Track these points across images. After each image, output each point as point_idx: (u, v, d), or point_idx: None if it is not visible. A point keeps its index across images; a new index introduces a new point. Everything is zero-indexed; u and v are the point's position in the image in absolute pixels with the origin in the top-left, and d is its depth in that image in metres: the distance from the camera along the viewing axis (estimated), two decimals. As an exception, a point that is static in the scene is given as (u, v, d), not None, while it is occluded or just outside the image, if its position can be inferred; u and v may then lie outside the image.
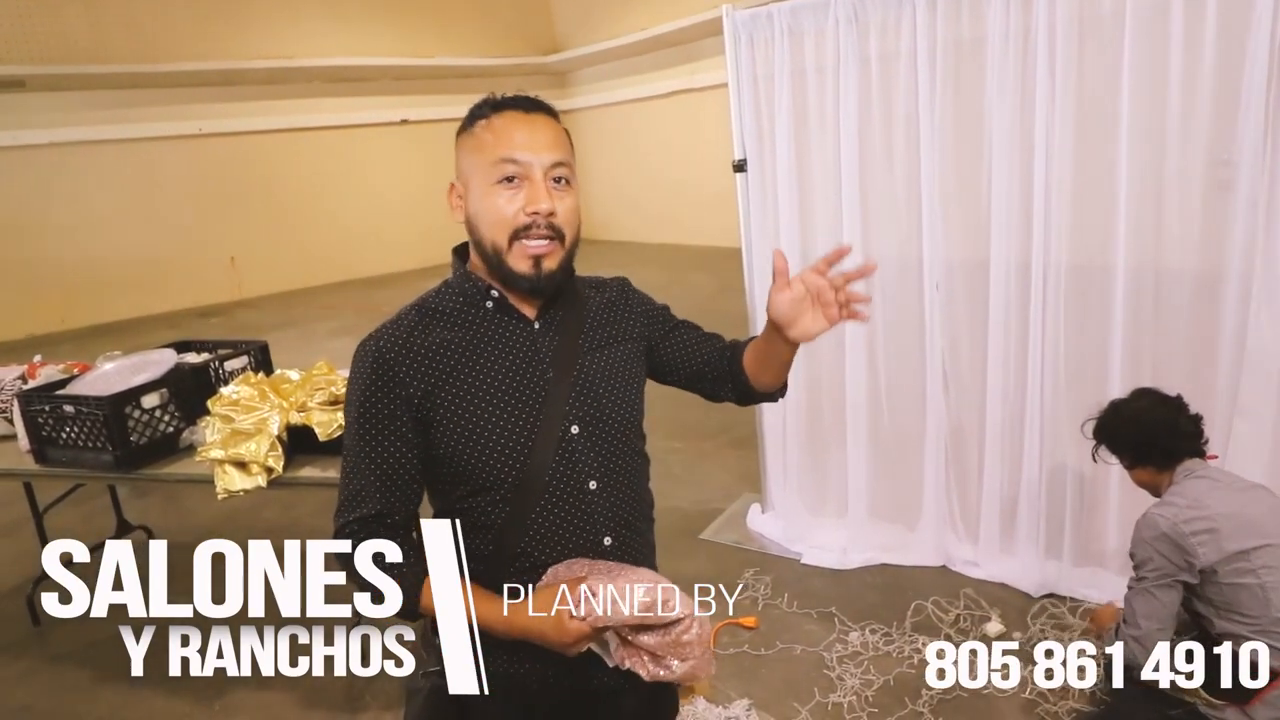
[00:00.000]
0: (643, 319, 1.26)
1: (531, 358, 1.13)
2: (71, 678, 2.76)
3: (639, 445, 1.21)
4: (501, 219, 1.07)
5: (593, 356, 1.17)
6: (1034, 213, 2.52)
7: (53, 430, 2.58)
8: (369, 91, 11.76)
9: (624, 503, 1.16)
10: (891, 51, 2.67)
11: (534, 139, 1.08)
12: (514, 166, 1.07)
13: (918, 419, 2.94)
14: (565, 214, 1.09)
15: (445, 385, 1.09)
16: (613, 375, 1.17)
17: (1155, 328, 2.42)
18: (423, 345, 1.11)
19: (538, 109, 1.13)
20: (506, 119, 1.09)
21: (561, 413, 1.11)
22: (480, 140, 1.09)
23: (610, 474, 1.14)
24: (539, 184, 1.07)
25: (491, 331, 1.13)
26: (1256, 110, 2.11)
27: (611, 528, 1.14)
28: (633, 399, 1.19)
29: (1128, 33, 2.25)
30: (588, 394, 1.14)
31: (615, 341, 1.21)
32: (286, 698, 2.57)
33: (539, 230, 1.07)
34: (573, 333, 1.16)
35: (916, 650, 2.48)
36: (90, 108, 9.54)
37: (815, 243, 3.01)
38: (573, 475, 1.11)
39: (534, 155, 1.07)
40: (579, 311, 1.19)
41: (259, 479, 2.36)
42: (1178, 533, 1.74)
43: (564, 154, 1.10)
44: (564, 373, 1.13)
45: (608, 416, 1.15)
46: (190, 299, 10.42)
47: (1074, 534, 2.69)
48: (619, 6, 11.73)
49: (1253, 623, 1.72)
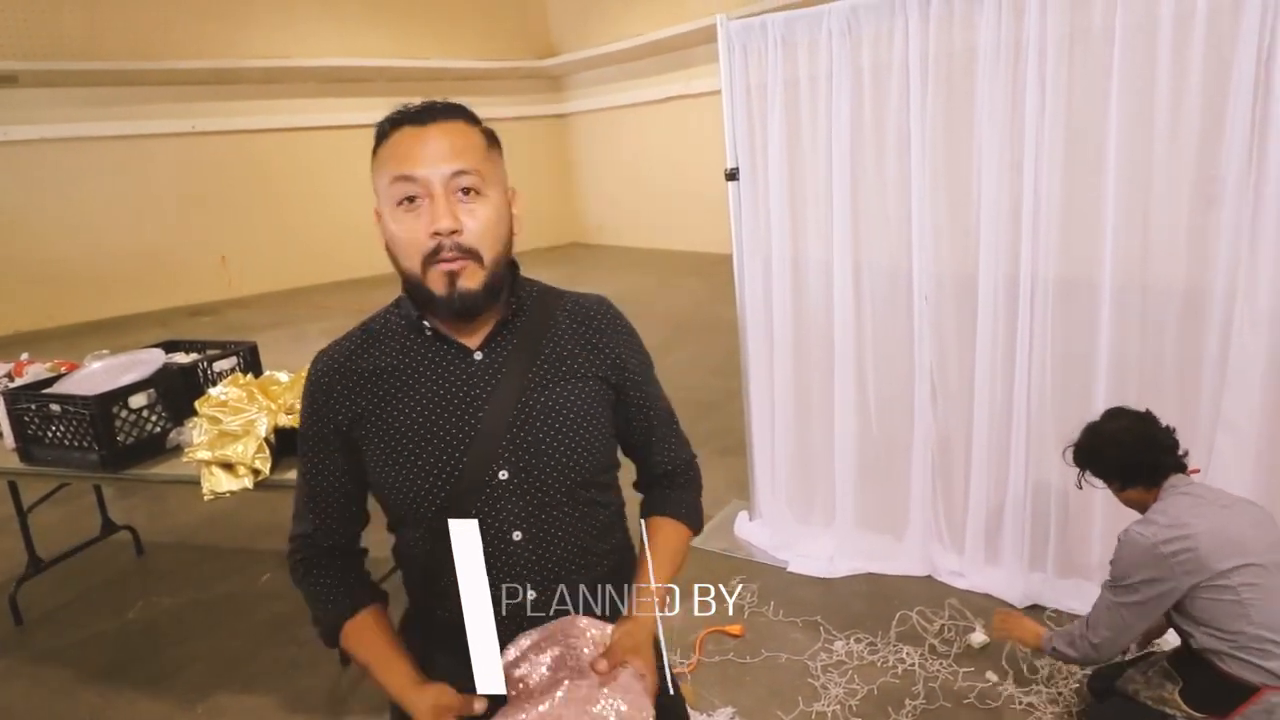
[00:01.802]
0: (611, 360, 1.11)
1: (466, 393, 1.03)
2: (54, 678, 2.75)
3: (588, 494, 1.07)
4: (409, 244, 0.97)
5: (540, 393, 1.04)
6: (1022, 226, 2.53)
7: (38, 429, 2.57)
8: (364, 92, 11.75)
9: (555, 556, 1.05)
10: (884, 63, 2.69)
11: (427, 151, 0.96)
12: (409, 185, 0.96)
13: (905, 429, 2.96)
14: (477, 228, 0.97)
15: (373, 413, 1.03)
16: (561, 416, 1.04)
17: (1141, 341, 2.44)
18: (358, 369, 1.06)
19: (436, 117, 0.99)
20: (401, 134, 0.98)
21: (491, 454, 1.01)
22: (380, 160, 1.00)
23: (541, 525, 1.04)
24: (439, 200, 0.95)
25: (427, 361, 1.04)
26: (1242, 128, 2.13)
27: (535, 581, 1.04)
28: (585, 444, 1.05)
29: (1116, 48, 2.27)
30: (525, 436, 1.02)
31: (572, 378, 1.07)
32: (270, 701, 2.56)
33: (446, 252, 0.96)
34: (521, 366, 1.04)
35: (901, 660, 2.49)
36: (83, 104, 9.51)
37: (806, 251, 3.03)
38: (495, 523, 1.02)
39: (429, 168, 0.95)
40: (533, 340, 1.07)
41: (245, 481, 2.35)
42: (1157, 554, 1.74)
43: (468, 161, 0.97)
44: (500, 411, 1.02)
45: (546, 462, 1.03)
46: (181, 297, 10.39)
47: (1058, 545, 2.70)
48: (615, 11, 11.76)
49: (1232, 639, 1.72)
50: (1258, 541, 1.75)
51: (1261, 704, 1.71)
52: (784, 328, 3.12)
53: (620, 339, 1.14)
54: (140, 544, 3.63)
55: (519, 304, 1.08)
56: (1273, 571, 1.72)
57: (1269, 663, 1.69)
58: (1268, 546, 1.75)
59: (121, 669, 2.78)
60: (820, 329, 3.03)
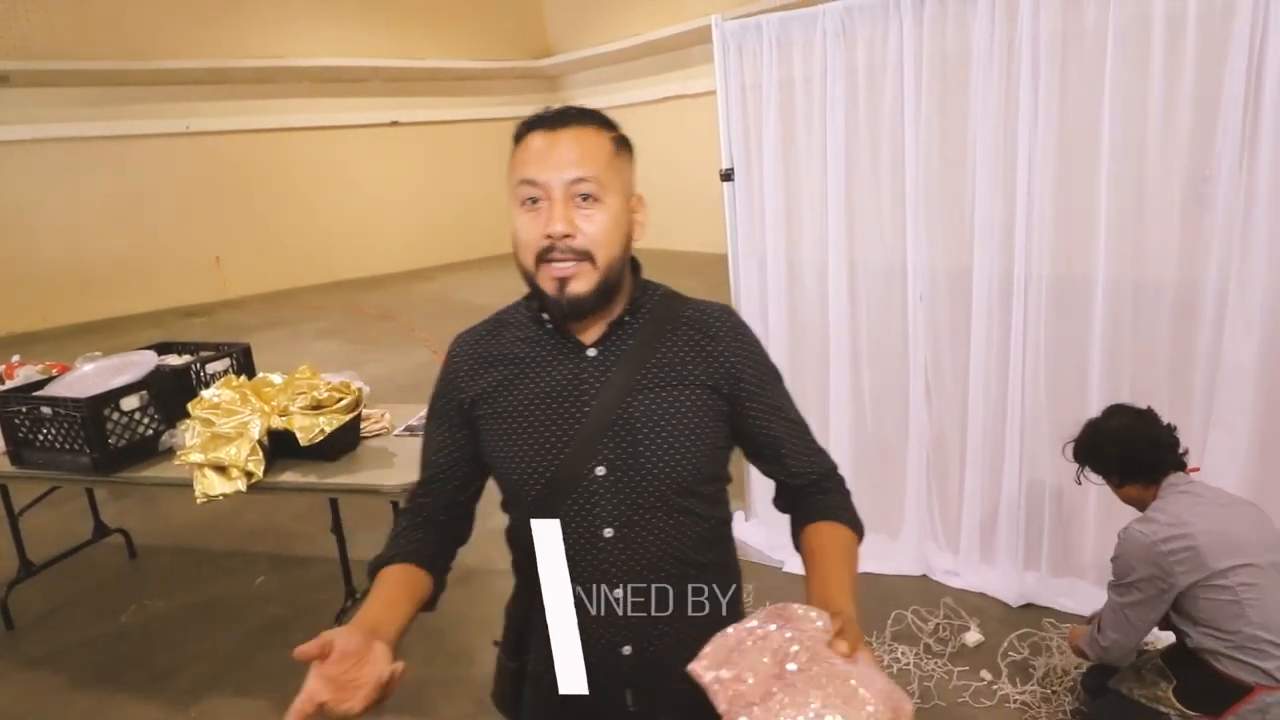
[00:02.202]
0: (725, 370, 1.10)
1: (576, 386, 1.07)
2: (45, 683, 2.73)
3: (684, 503, 1.07)
4: (526, 242, 1.03)
5: (646, 396, 1.06)
6: (1016, 224, 2.54)
7: (30, 431, 2.56)
8: (359, 92, 11.73)
9: (644, 559, 1.06)
10: (878, 63, 2.69)
11: (552, 157, 1.01)
12: (532, 188, 1.01)
13: (900, 428, 2.96)
14: (593, 233, 1.01)
15: (493, 395, 1.10)
16: (663, 420, 1.06)
17: (1133, 339, 2.45)
18: (486, 353, 1.12)
19: (567, 123, 1.04)
20: (532, 138, 1.04)
21: (591, 450, 1.05)
22: (513, 162, 1.05)
23: (632, 525, 1.05)
24: (557, 204, 1.00)
25: (546, 352, 1.10)
26: (1233, 128, 2.14)
27: (624, 579, 1.06)
28: (684, 450, 1.06)
29: (1110, 49, 2.27)
30: (625, 436, 1.05)
31: (679, 384, 1.08)
32: (263, 704, 2.55)
33: (558, 254, 1.01)
34: (631, 367, 1.07)
35: (896, 660, 2.49)
36: (75, 104, 9.48)
37: (801, 251, 3.03)
38: (588, 517, 1.05)
39: (552, 174, 1.00)
40: (647, 344, 1.09)
41: (238, 483, 2.34)
42: (1156, 552, 1.75)
43: (591, 169, 1.01)
44: (605, 408, 1.05)
45: (643, 464, 1.05)
46: (174, 299, 10.35)
47: (1052, 545, 2.71)
48: (611, 12, 11.76)
49: (1228, 638, 1.73)
50: (1256, 542, 1.76)
51: (1255, 703, 1.71)
52: (779, 327, 3.12)
53: (738, 349, 1.13)
54: (133, 547, 3.61)
55: (637, 306, 1.11)
56: (1269, 572, 1.72)
57: (1264, 663, 1.70)
58: (1266, 547, 1.75)
59: (114, 673, 2.76)
60: (815, 328, 3.04)
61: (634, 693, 1.09)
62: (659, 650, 1.08)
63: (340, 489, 2.42)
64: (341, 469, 2.45)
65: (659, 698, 1.09)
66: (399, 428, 2.74)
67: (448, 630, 2.83)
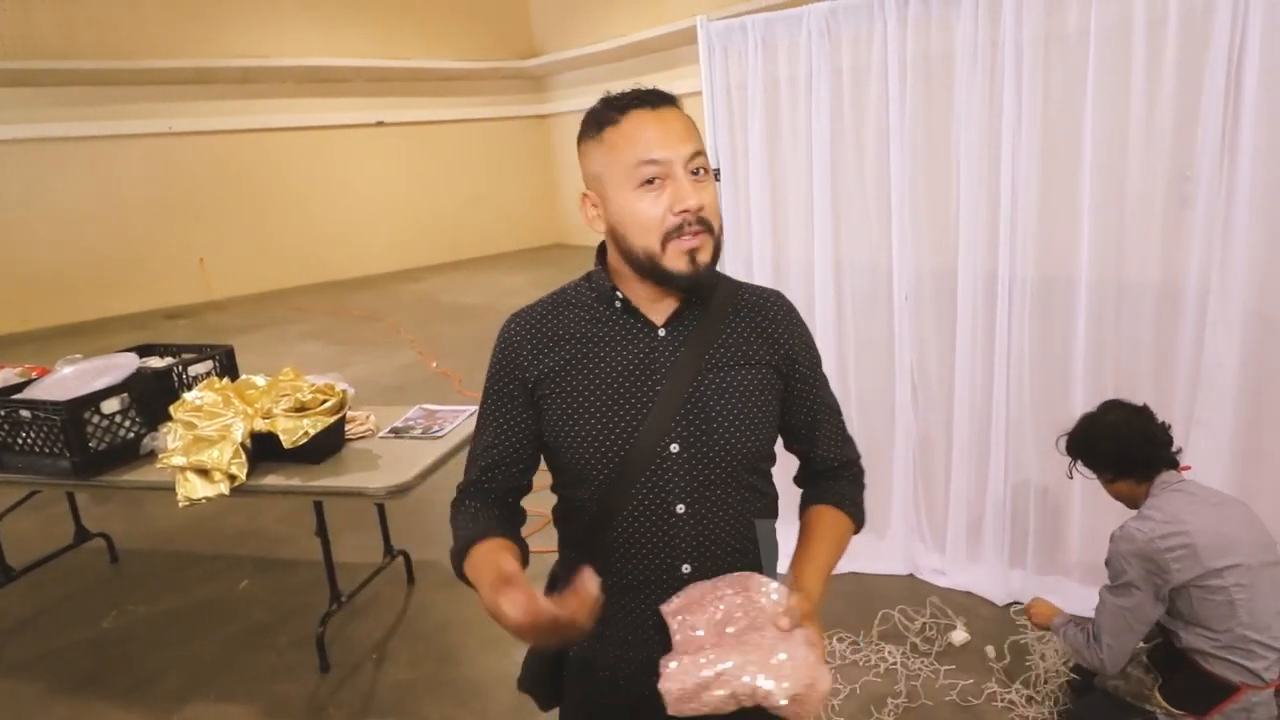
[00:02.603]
0: (784, 352, 1.14)
1: (648, 365, 1.08)
2: (25, 690, 2.69)
3: (750, 479, 1.11)
4: (650, 223, 1.02)
5: (715, 375, 1.09)
6: (1000, 225, 2.55)
7: (8, 435, 2.53)
8: (344, 92, 11.66)
9: (713, 535, 1.09)
10: (863, 64, 2.70)
11: (668, 134, 1.03)
12: (654, 168, 1.02)
13: (887, 429, 2.97)
14: (711, 204, 1.04)
15: (560, 375, 1.09)
16: (732, 398, 1.09)
17: (1117, 339, 2.46)
18: (549, 333, 1.11)
19: (663, 102, 1.06)
20: (635, 119, 1.04)
21: (664, 428, 1.06)
22: (612, 144, 1.04)
23: (703, 501, 1.08)
24: (682, 180, 1.02)
25: (615, 331, 1.10)
26: (1214, 129, 2.15)
27: (693, 557, 1.08)
28: (752, 428, 1.09)
29: (1091, 51, 2.29)
30: (698, 413, 1.07)
31: (746, 364, 1.11)
32: (248, 710, 2.52)
33: (690, 228, 1.02)
34: (700, 346, 1.09)
35: (883, 659, 2.50)
36: (57, 104, 9.36)
37: (787, 251, 3.04)
38: (661, 494, 1.07)
39: (672, 151, 1.02)
40: (713, 324, 1.11)
41: (221, 486, 2.32)
42: (1153, 548, 1.74)
43: (699, 143, 1.05)
44: (678, 387, 1.07)
45: (715, 440, 1.07)
46: (158, 300, 10.25)
47: (1038, 543, 2.72)
48: (597, 12, 11.75)
49: (1218, 638, 1.74)
50: (1248, 542, 1.76)
51: (1241, 703, 1.72)
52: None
53: (794, 332, 1.17)
54: (115, 551, 3.57)
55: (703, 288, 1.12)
56: (1260, 572, 1.73)
57: (1252, 663, 1.71)
58: (1258, 547, 1.76)
59: (95, 680, 2.73)
60: (801, 329, 3.04)
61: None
62: None
63: (325, 492, 2.40)
64: (326, 472, 2.43)
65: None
66: (384, 430, 2.72)
67: (433, 633, 2.82)
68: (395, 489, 2.31)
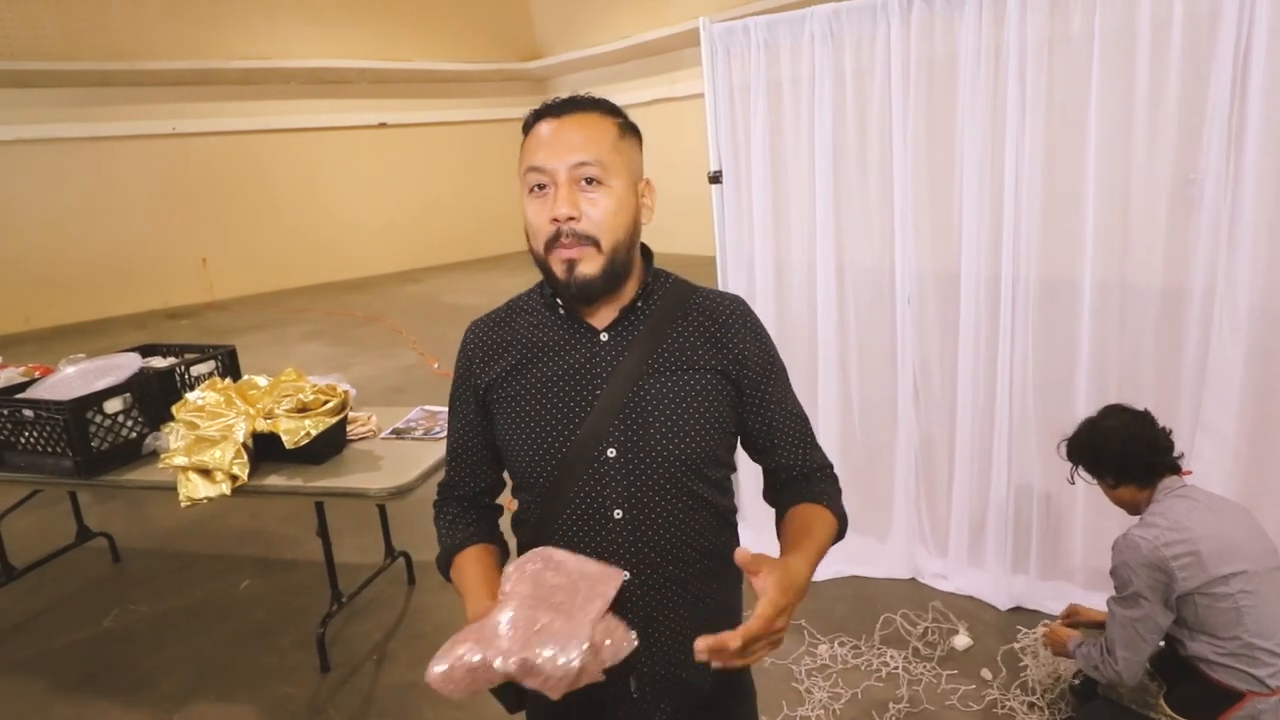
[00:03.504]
0: (733, 356, 1.12)
1: (589, 370, 1.08)
2: (26, 689, 2.69)
3: (694, 486, 1.09)
4: (535, 230, 1.05)
5: (657, 380, 1.08)
6: (1004, 227, 2.55)
7: (11, 434, 2.53)
8: (347, 94, 11.68)
9: (652, 541, 1.07)
10: (866, 67, 2.70)
11: (557, 142, 1.03)
12: (537, 175, 1.04)
13: (889, 432, 2.96)
14: (597, 216, 1.02)
15: (506, 381, 1.11)
16: (673, 403, 1.07)
17: (1120, 342, 2.46)
18: (499, 339, 1.14)
19: (572, 110, 1.07)
20: (540, 126, 1.07)
21: (602, 433, 1.06)
22: (521, 152, 1.08)
23: (641, 507, 1.07)
24: (561, 189, 1.02)
25: (559, 337, 1.11)
26: (1219, 131, 2.15)
27: (631, 562, 1.07)
28: (694, 433, 1.07)
29: (1096, 53, 2.28)
30: (636, 418, 1.06)
31: (689, 369, 1.09)
32: (248, 710, 2.52)
33: (565, 239, 1.02)
34: (643, 351, 1.08)
35: (885, 664, 2.49)
36: (59, 105, 9.39)
37: (789, 255, 3.03)
38: (598, 499, 1.07)
39: (556, 160, 1.02)
40: (658, 329, 1.10)
41: (223, 486, 2.32)
42: (1159, 556, 1.72)
43: (594, 153, 1.03)
44: (617, 391, 1.07)
45: (653, 446, 1.06)
46: (160, 300, 10.27)
47: (1040, 548, 2.71)
48: (600, 14, 11.75)
49: (1223, 645, 1.72)
50: (1253, 548, 1.75)
51: (1246, 710, 1.71)
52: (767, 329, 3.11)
53: (746, 337, 1.15)
54: (116, 551, 3.57)
55: (648, 291, 1.12)
56: (1264, 579, 1.71)
57: (1258, 670, 1.69)
58: (1263, 553, 1.75)
59: (96, 679, 2.73)
60: (804, 331, 3.03)
61: (637, 679, 1.11)
62: (663, 637, 1.10)
63: (326, 492, 2.40)
64: (328, 472, 2.43)
65: (662, 684, 1.11)
66: (386, 430, 2.72)
67: (434, 634, 2.82)
68: (397, 490, 2.31)
